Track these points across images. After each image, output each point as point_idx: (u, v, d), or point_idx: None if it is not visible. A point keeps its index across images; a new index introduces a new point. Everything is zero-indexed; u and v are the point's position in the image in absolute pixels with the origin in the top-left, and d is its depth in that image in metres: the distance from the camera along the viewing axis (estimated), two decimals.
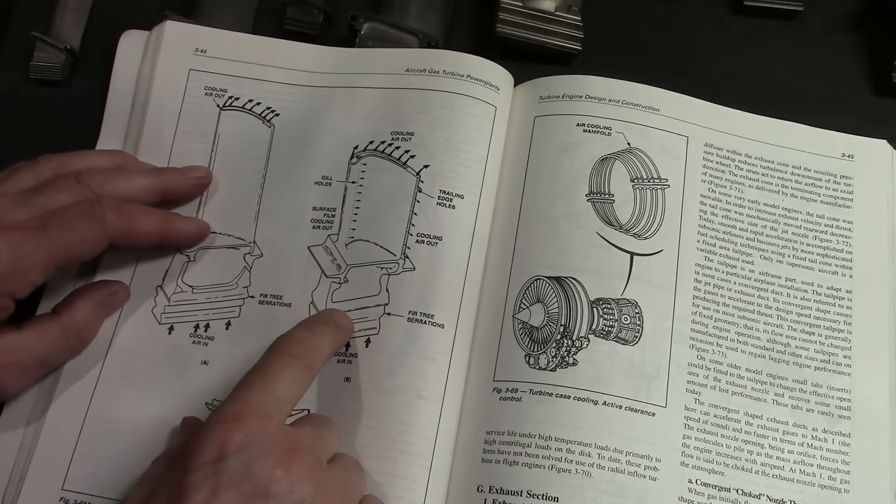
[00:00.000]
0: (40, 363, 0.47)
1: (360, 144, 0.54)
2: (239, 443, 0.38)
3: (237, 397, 0.41)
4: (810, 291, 0.52)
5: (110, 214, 0.47)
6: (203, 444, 0.38)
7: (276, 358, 0.43)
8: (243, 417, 0.39)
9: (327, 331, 0.46)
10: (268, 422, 0.40)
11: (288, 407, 0.42)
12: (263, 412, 0.40)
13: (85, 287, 0.50)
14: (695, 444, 0.48)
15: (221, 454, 0.38)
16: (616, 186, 0.53)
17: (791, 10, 0.61)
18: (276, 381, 0.42)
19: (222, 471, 0.37)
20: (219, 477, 0.37)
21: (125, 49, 0.57)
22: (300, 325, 0.46)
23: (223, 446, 0.38)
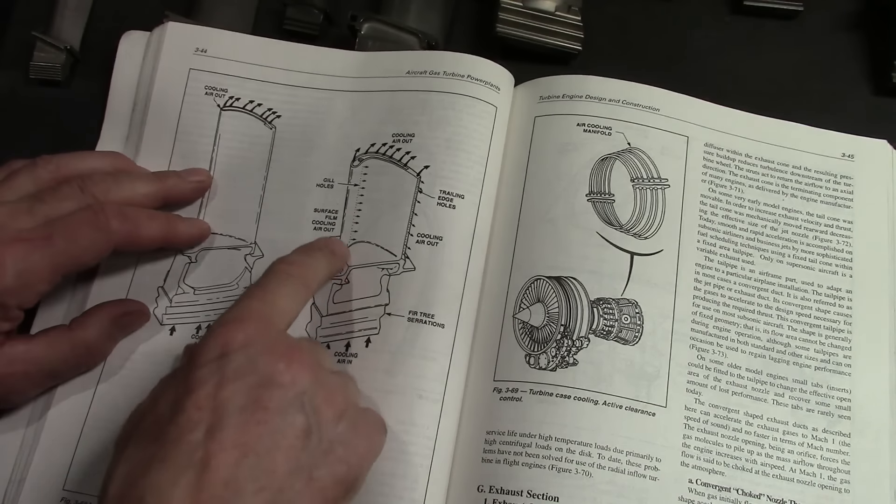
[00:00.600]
0: (47, 375, 0.47)
1: (361, 147, 0.54)
2: (242, 341, 0.40)
3: (238, 305, 0.43)
4: (810, 291, 0.52)
5: (114, 221, 0.47)
6: (207, 344, 0.40)
7: (274, 275, 0.45)
8: (245, 320, 0.41)
9: (322, 255, 0.49)
10: (269, 325, 0.42)
11: (287, 318, 0.44)
12: (264, 317, 0.42)
13: (103, 305, 0.49)
14: (695, 444, 0.48)
15: (225, 351, 0.40)
16: (616, 186, 0.53)
17: (791, 10, 0.61)
18: (275, 294, 0.44)
19: (227, 365, 0.39)
20: (224, 370, 0.39)
21: (126, 49, 0.57)
22: (297, 249, 0.49)
23: (226, 345, 0.40)
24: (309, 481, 0.38)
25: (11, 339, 0.46)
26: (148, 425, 0.39)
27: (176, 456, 0.36)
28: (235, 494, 0.36)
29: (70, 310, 0.51)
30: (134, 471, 0.37)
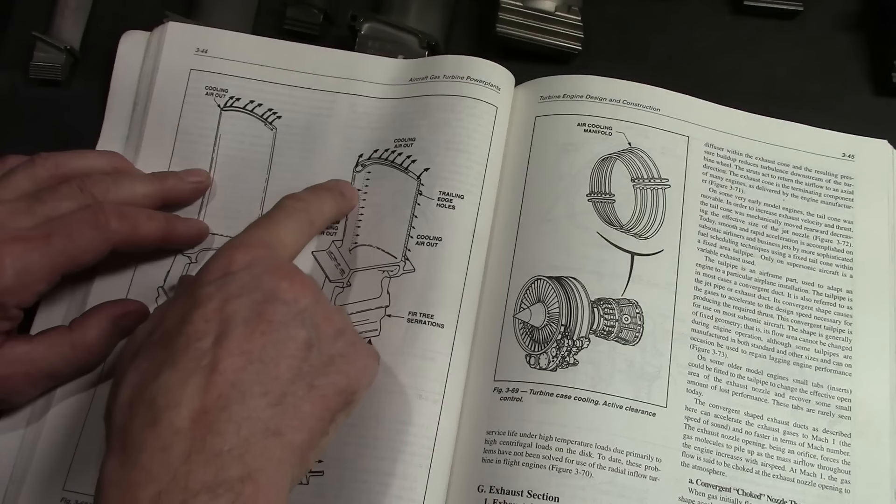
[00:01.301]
0: (47, 376, 0.47)
1: (364, 152, 0.54)
2: (246, 261, 0.42)
3: (244, 233, 0.45)
4: (811, 291, 0.52)
5: (113, 221, 0.47)
6: (213, 264, 0.42)
7: (282, 209, 0.48)
8: (249, 245, 0.43)
9: (330, 195, 0.51)
10: (272, 250, 0.44)
11: (290, 250, 0.47)
12: (267, 244, 0.44)
13: (103, 305, 0.49)
14: (695, 445, 0.48)
15: (231, 270, 0.41)
16: (617, 186, 0.53)
17: (791, 10, 0.61)
18: (280, 226, 0.46)
19: (232, 282, 0.41)
20: (229, 287, 0.41)
21: (126, 50, 0.57)
22: (308, 188, 0.51)
23: (230, 264, 0.42)
24: (310, 388, 0.40)
25: (12, 339, 0.46)
26: (156, 339, 0.40)
27: (185, 361, 0.38)
28: (242, 395, 0.38)
29: (70, 310, 0.51)
30: (144, 377, 0.38)
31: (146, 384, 0.38)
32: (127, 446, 0.37)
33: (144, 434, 0.36)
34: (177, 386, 0.37)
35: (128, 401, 0.38)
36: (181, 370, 0.38)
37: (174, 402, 0.37)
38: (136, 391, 0.38)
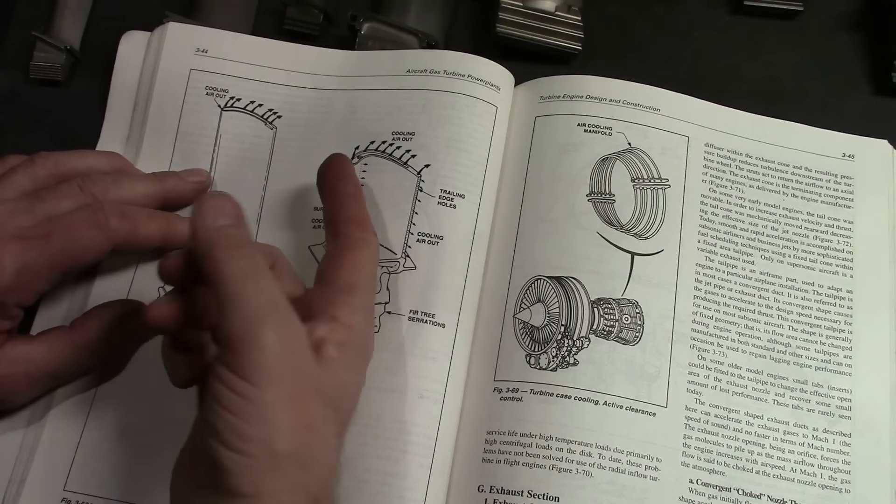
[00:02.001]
0: (47, 376, 0.47)
1: (361, 144, 0.54)
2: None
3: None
4: (811, 291, 0.52)
5: (114, 220, 0.47)
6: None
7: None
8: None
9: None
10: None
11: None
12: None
13: (103, 305, 0.49)
14: (695, 444, 0.48)
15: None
16: (617, 186, 0.53)
17: (791, 10, 0.61)
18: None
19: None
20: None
21: (126, 50, 0.57)
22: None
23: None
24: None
25: (12, 339, 0.46)
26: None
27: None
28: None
29: (70, 310, 0.51)
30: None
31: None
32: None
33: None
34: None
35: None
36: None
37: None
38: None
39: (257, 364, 0.37)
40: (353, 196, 0.48)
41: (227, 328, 0.37)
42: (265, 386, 0.37)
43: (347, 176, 0.49)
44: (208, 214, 0.40)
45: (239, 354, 0.37)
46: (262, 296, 0.38)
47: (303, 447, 0.38)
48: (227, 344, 0.37)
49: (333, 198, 0.48)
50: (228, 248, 0.39)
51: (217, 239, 0.39)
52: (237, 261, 0.38)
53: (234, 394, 0.37)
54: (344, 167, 0.49)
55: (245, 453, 0.36)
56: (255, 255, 0.40)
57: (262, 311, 0.37)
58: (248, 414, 0.36)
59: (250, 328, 0.37)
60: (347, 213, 0.47)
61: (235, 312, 0.37)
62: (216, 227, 0.39)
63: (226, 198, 0.41)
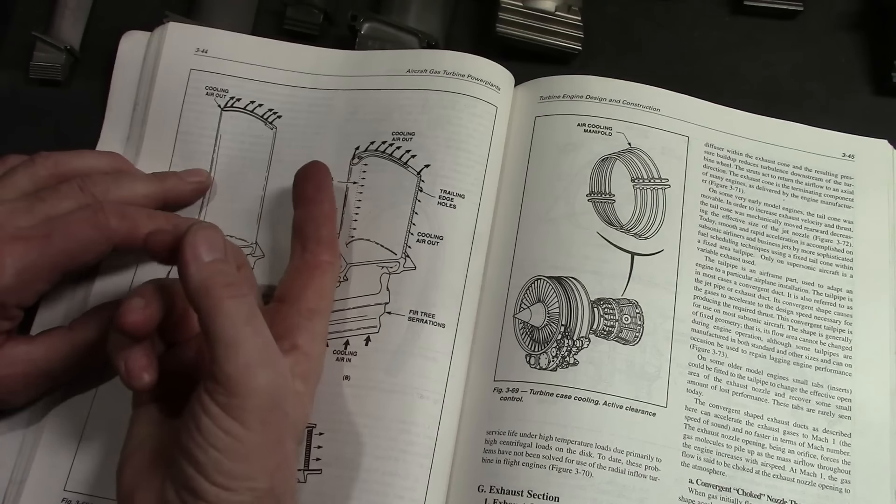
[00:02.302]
0: (47, 376, 0.47)
1: (361, 145, 0.54)
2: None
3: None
4: (811, 291, 0.52)
5: (113, 220, 0.46)
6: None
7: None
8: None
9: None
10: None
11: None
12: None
13: (103, 305, 0.49)
14: (695, 444, 0.48)
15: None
16: (617, 186, 0.53)
17: (791, 10, 0.61)
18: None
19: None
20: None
21: (126, 50, 0.57)
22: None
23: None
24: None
25: (12, 339, 0.46)
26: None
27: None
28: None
29: (70, 310, 0.51)
30: None
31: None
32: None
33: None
34: None
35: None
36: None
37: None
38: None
39: (253, 409, 0.38)
40: (327, 215, 0.49)
41: (225, 371, 0.38)
42: (256, 429, 0.38)
43: (325, 190, 0.49)
44: (198, 249, 0.40)
45: (234, 396, 0.38)
46: (259, 340, 0.39)
47: (279, 482, 0.39)
48: (224, 385, 0.38)
49: (307, 212, 0.49)
50: (224, 288, 0.39)
51: (212, 277, 0.39)
52: (234, 303, 0.39)
53: (224, 433, 0.38)
54: (323, 179, 0.50)
55: (226, 488, 0.38)
56: (248, 294, 0.40)
57: (258, 357, 0.39)
58: (236, 453, 0.38)
59: (247, 373, 0.38)
60: (319, 233, 0.48)
61: (234, 357, 0.38)
62: (209, 263, 0.40)
63: (214, 230, 0.41)
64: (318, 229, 0.48)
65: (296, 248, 0.48)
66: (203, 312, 0.39)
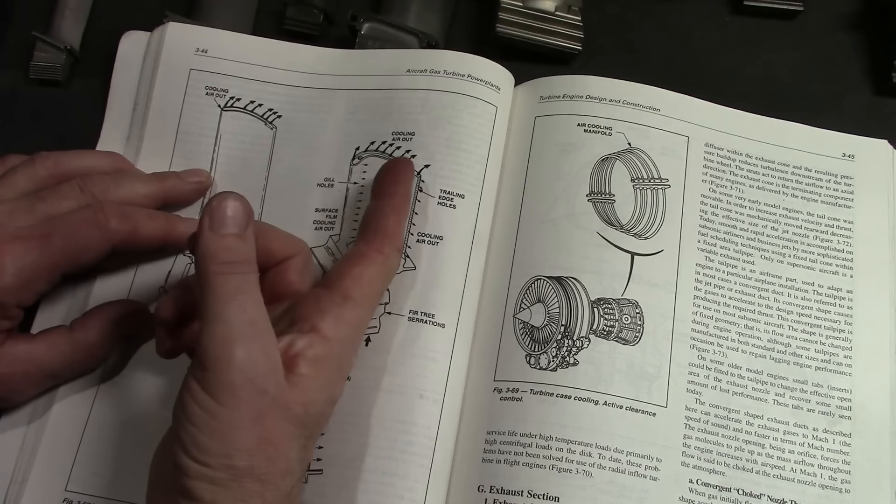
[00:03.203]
0: (47, 375, 0.47)
1: (361, 145, 0.54)
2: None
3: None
4: (811, 291, 0.52)
5: (114, 220, 0.47)
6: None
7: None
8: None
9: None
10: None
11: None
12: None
13: (104, 305, 0.49)
14: (695, 444, 0.48)
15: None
16: (617, 186, 0.53)
17: (791, 10, 0.61)
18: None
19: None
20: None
21: (126, 50, 0.57)
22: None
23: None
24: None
25: (12, 338, 0.46)
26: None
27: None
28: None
29: (71, 310, 0.51)
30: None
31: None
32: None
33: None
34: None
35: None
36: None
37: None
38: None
39: (224, 383, 0.38)
40: (395, 208, 0.48)
41: (203, 344, 0.38)
42: (229, 404, 0.38)
43: (399, 184, 0.49)
44: (214, 220, 0.40)
45: (209, 371, 0.38)
46: (243, 316, 0.39)
47: (262, 463, 0.39)
48: (201, 360, 0.38)
49: (377, 202, 0.48)
50: (223, 264, 0.39)
51: (214, 252, 0.40)
52: (227, 279, 0.39)
53: (200, 408, 0.38)
54: (402, 174, 0.49)
55: (204, 464, 0.38)
56: (249, 271, 0.40)
57: (238, 332, 0.38)
58: (211, 429, 0.38)
59: (223, 347, 0.38)
60: (380, 223, 0.47)
61: (213, 331, 0.38)
62: (219, 237, 0.40)
63: (236, 202, 0.41)
64: (379, 219, 0.47)
65: (357, 236, 0.48)
66: (198, 281, 0.40)
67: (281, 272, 0.46)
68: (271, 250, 0.46)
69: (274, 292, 0.46)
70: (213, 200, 0.41)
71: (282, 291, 0.46)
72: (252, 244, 0.41)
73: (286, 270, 0.46)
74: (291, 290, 0.46)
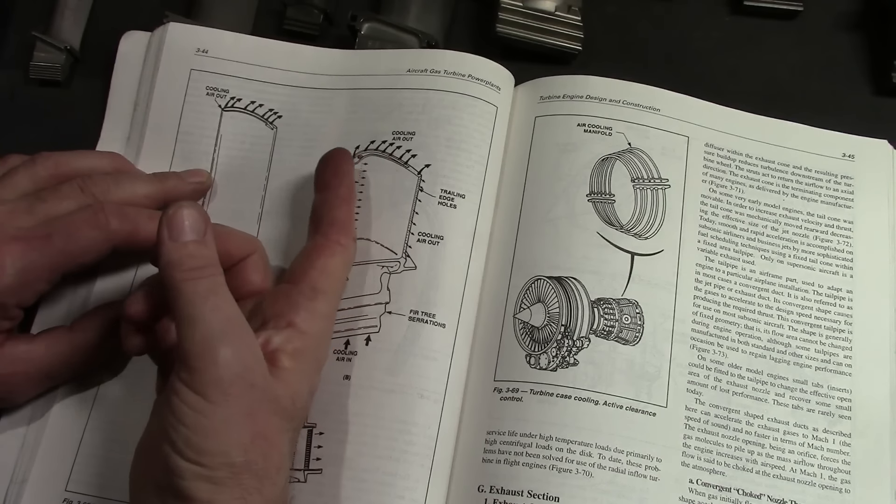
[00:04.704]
0: (47, 375, 0.47)
1: (361, 144, 0.54)
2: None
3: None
4: (811, 291, 0.52)
5: (114, 221, 0.46)
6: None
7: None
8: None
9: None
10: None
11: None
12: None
13: (104, 306, 0.49)
14: (695, 445, 0.48)
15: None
16: (617, 186, 0.53)
17: (791, 10, 0.61)
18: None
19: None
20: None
21: (126, 50, 0.57)
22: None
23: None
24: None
25: (12, 338, 0.46)
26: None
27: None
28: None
29: (71, 310, 0.51)
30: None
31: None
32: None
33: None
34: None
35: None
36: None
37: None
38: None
39: (212, 381, 0.38)
40: (343, 198, 0.49)
41: (185, 346, 0.38)
42: (220, 402, 0.38)
43: (343, 175, 0.49)
44: (173, 230, 0.41)
45: (195, 371, 0.38)
46: (219, 314, 0.39)
47: (258, 458, 0.39)
48: (185, 361, 0.38)
49: (324, 194, 0.49)
50: (188, 270, 0.40)
51: (178, 260, 0.40)
52: (195, 283, 0.40)
53: (191, 409, 0.38)
54: (342, 164, 0.50)
55: (200, 464, 0.38)
56: (216, 274, 0.41)
57: (217, 330, 0.39)
58: (204, 428, 0.38)
59: (206, 346, 0.38)
60: (332, 214, 0.48)
61: (193, 332, 0.38)
62: (180, 245, 0.40)
63: (191, 209, 0.41)
64: (331, 211, 0.48)
65: (310, 231, 0.49)
66: (167, 291, 0.40)
67: (241, 272, 0.47)
68: (229, 251, 0.46)
69: (237, 293, 0.46)
70: (168, 210, 0.41)
71: (244, 291, 0.47)
72: (213, 248, 0.41)
73: (245, 270, 0.47)
74: (254, 289, 0.47)
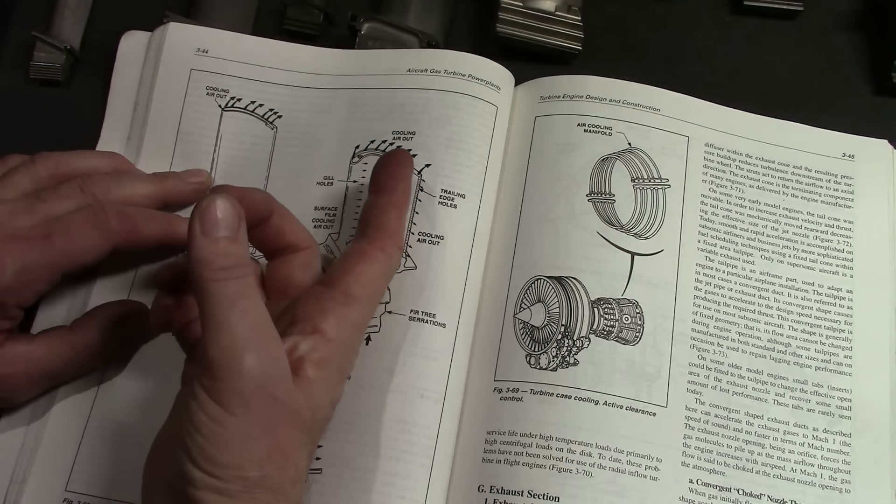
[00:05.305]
0: (47, 375, 0.47)
1: (361, 144, 0.54)
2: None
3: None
4: (811, 291, 0.52)
5: (114, 221, 0.46)
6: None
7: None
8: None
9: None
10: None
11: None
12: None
13: (104, 306, 0.49)
14: (696, 444, 0.48)
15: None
16: (617, 186, 0.53)
17: (791, 10, 0.61)
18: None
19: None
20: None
21: (126, 50, 0.57)
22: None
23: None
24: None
25: (12, 338, 0.46)
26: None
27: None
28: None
29: (71, 310, 0.51)
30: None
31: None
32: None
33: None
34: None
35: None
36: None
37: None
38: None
39: (235, 392, 0.37)
40: (394, 203, 0.47)
41: (209, 352, 0.37)
42: (240, 414, 0.37)
43: (398, 179, 0.47)
44: (205, 224, 0.39)
45: (218, 380, 0.37)
46: (246, 320, 0.38)
47: (273, 472, 0.38)
48: (209, 369, 0.37)
49: (376, 198, 0.47)
50: (218, 270, 0.38)
51: (209, 258, 0.38)
52: (225, 285, 0.38)
53: (209, 418, 0.37)
54: (399, 168, 0.48)
55: (214, 476, 0.37)
56: (246, 275, 0.39)
57: (243, 338, 0.37)
58: (222, 440, 0.37)
59: (231, 355, 0.37)
60: (380, 220, 0.46)
61: (219, 339, 0.37)
62: (211, 241, 0.39)
63: (225, 202, 0.40)
64: (380, 216, 0.46)
65: (357, 232, 0.47)
66: (195, 291, 0.39)
67: (285, 265, 0.46)
68: (283, 230, 0.45)
69: (275, 286, 0.45)
70: (202, 202, 0.39)
71: (283, 286, 0.45)
72: (245, 245, 0.40)
73: (290, 263, 0.46)
74: (293, 284, 0.45)
